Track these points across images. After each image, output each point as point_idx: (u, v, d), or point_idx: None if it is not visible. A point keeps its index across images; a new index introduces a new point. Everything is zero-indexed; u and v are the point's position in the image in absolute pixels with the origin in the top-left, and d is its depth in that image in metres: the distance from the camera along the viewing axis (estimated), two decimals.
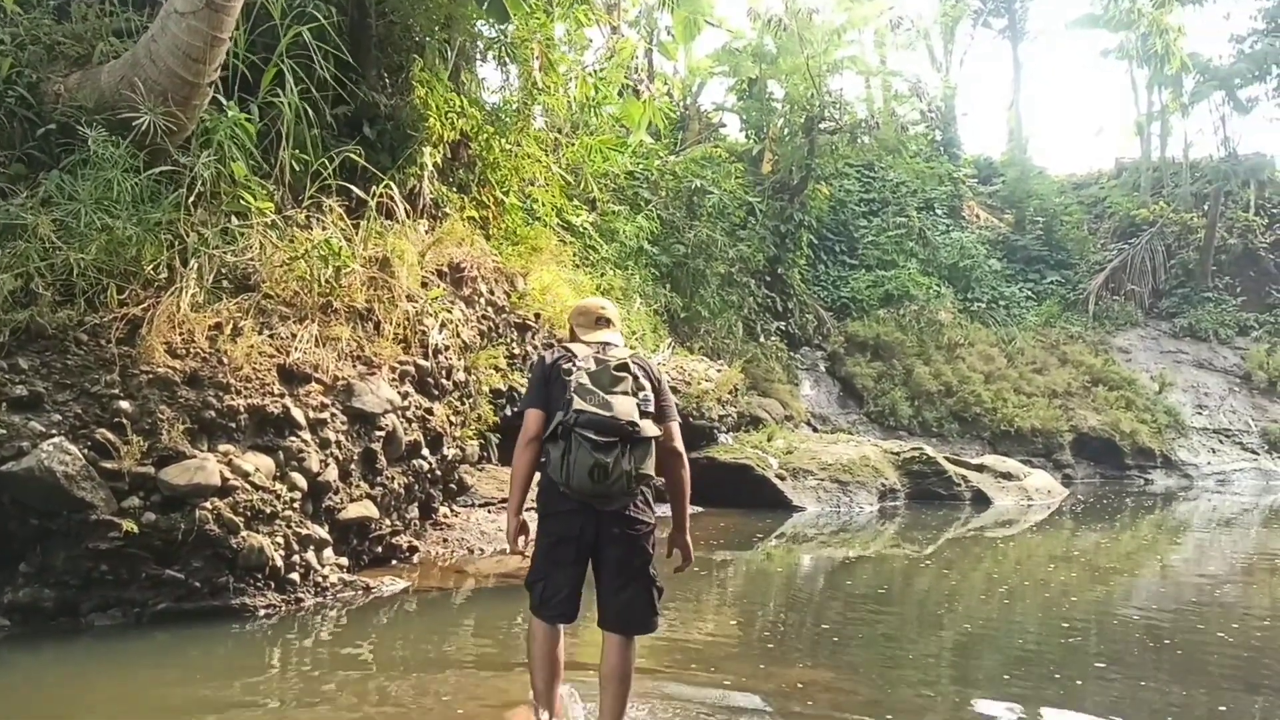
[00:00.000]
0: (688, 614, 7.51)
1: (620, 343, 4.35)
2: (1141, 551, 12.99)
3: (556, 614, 4.08)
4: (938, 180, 28.79)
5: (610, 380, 4.00)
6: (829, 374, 22.87)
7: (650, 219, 18.38)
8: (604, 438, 3.86)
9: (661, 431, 4.07)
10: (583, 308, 4.52)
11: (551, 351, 4.29)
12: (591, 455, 3.84)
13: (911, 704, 5.17)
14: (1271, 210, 30.07)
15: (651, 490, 4.07)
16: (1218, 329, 27.44)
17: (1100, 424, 22.81)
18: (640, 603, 4.06)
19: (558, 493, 4.00)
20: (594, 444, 3.85)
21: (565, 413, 3.94)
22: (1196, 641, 7.29)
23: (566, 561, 4.05)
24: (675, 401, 4.31)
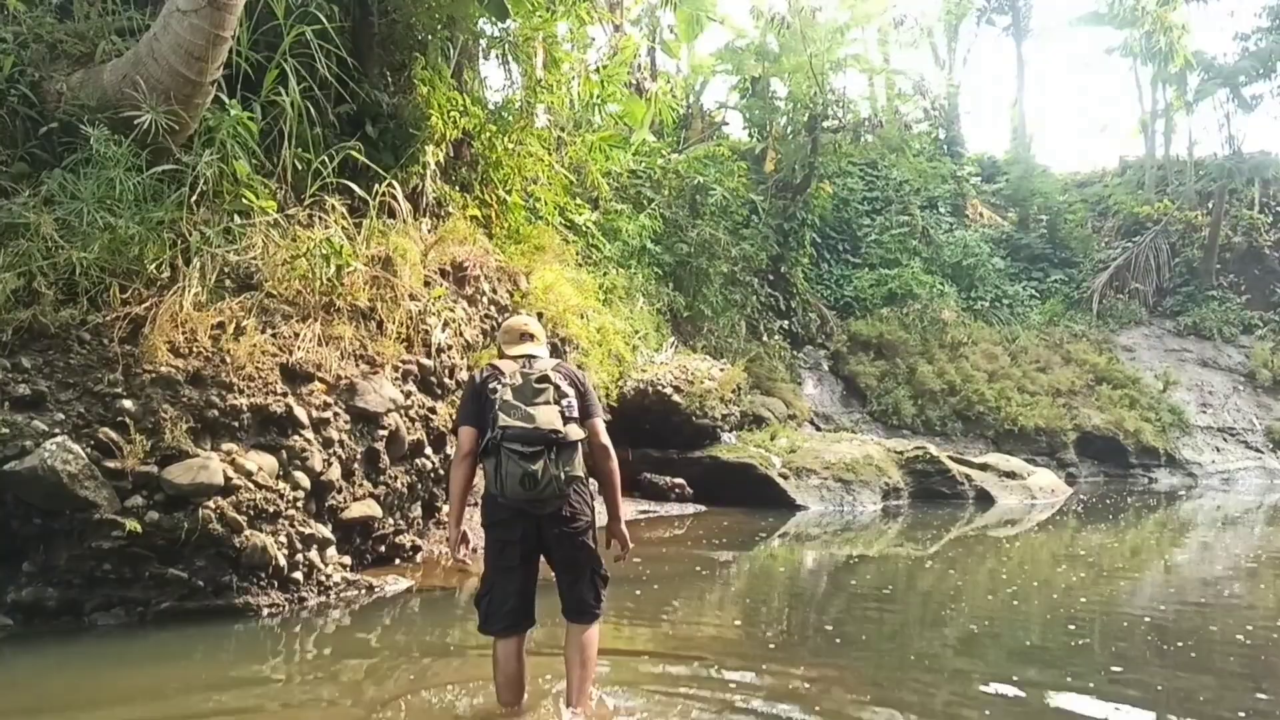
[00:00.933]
0: (691, 611, 7.50)
1: (544, 354, 4.61)
2: (1146, 550, 12.96)
3: (507, 625, 4.35)
4: (941, 179, 28.75)
5: (532, 393, 4.27)
6: (832, 373, 22.84)
7: (653, 218, 18.37)
8: (530, 448, 4.15)
9: (586, 431, 4.37)
10: (507, 326, 4.78)
11: (480, 371, 4.55)
12: (520, 465, 4.12)
13: (917, 697, 5.13)
14: (1276, 208, 30.00)
15: (586, 488, 4.38)
16: (1222, 327, 27.38)
17: (1104, 423, 22.77)
18: (587, 591, 4.39)
19: (496, 503, 4.29)
20: (521, 454, 4.13)
21: (492, 430, 4.21)
22: (1201, 639, 7.27)
23: (513, 566, 4.33)
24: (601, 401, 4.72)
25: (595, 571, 4.40)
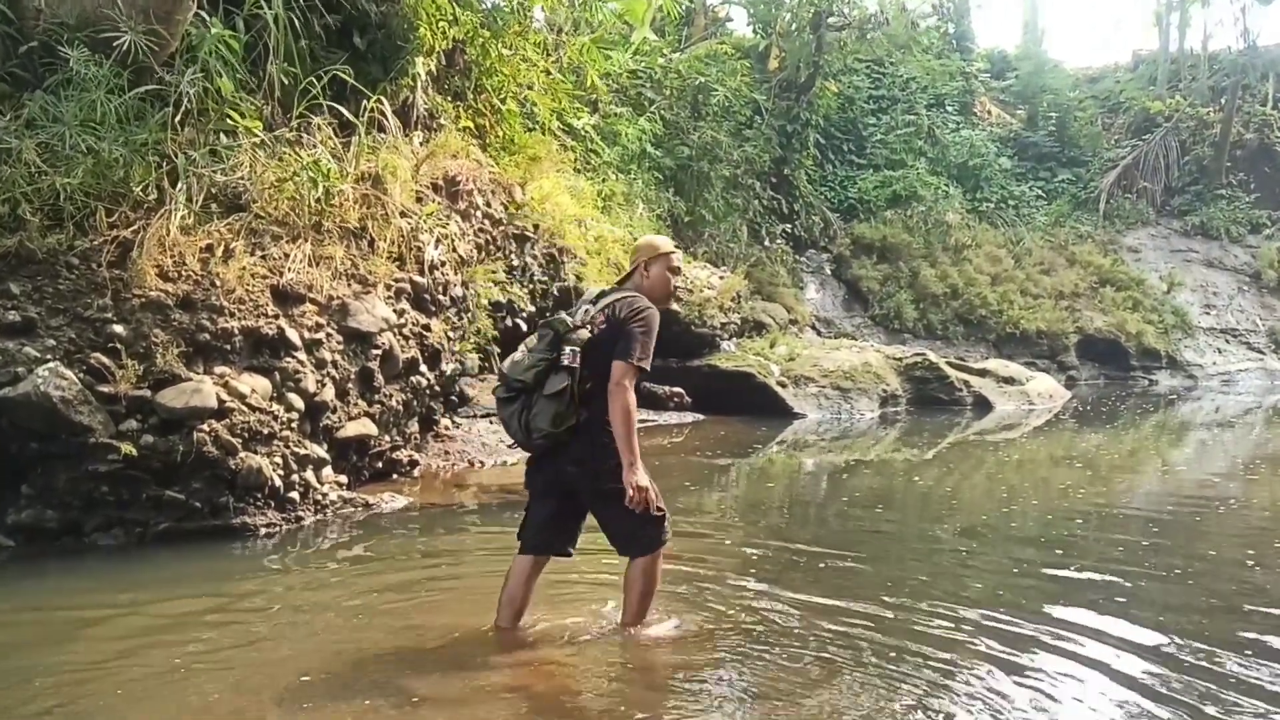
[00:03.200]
0: (696, 521, 7.59)
1: (624, 289, 4.37)
2: (1143, 452, 13.12)
3: (526, 545, 4.40)
4: (949, 76, 28.19)
5: (538, 337, 4.27)
6: (835, 277, 22.76)
7: (653, 121, 18.10)
8: (505, 393, 4.25)
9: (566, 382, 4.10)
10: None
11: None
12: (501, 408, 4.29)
13: (917, 602, 5.27)
14: None
15: (593, 434, 4.13)
16: (1230, 227, 27.18)
17: (1106, 325, 22.78)
18: (619, 530, 4.28)
19: None
20: (499, 398, 4.28)
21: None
22: (1196, 529, 7.71)
23: (536, 495, 4.41)
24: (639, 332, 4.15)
25: (620, 509, 4.14)
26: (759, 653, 4.34)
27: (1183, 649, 4.46)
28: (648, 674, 4.18)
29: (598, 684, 4.06)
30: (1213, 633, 4.73)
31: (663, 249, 4.44)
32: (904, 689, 3.92)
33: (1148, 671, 4.17)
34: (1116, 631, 4.70)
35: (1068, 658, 4.32)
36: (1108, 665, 4.22)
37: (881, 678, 4.04)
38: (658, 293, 4.38)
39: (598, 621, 4.66)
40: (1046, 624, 4.80)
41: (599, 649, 4.39)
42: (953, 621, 4.82)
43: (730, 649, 4.42)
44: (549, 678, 4.09)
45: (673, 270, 4.43)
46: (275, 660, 4.25)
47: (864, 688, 3.94)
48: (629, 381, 4.07)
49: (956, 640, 4.56)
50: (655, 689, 4.00)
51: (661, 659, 4.30)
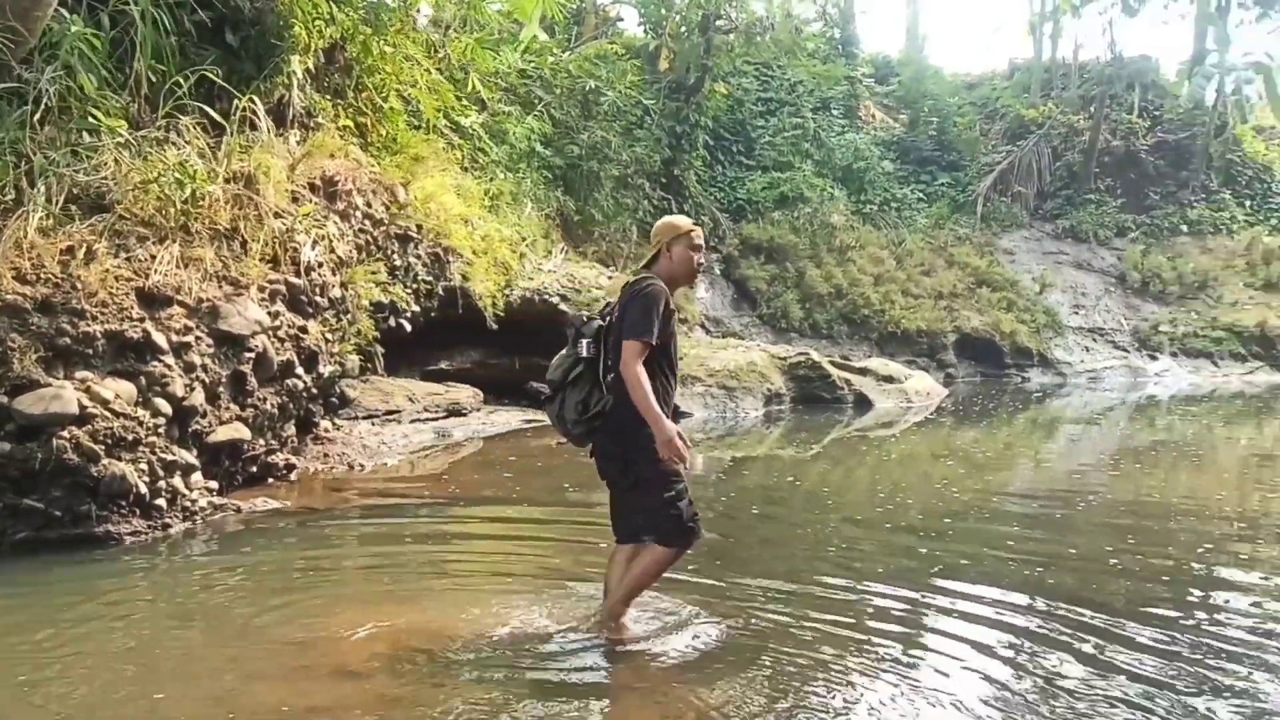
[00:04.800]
0: (586, 517, 7.66)
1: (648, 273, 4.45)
2: (1016, 447, 13.65)
3: (615, 533, 4.59)
4: (834, 80, 28.80)
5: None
6: (724, 276, 23.07)
7: (542, 120, 18.09)
8: (545, 395, 4.53)
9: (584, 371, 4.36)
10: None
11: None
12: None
13: (805, 585, 5.62)
14: (1154, 113, 30.87)
15: (619, 424, 4.26)
16: (1097, 230, 28.35)
17: (982, 324, 23.56)
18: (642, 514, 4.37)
19: None
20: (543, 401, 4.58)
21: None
22: (1067, 517, 8.16)
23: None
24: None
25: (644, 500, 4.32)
26: (663, 638, 4.56)
27: (1050, 608, 5.16)
28: (512, 670, 4.24)
29: (470, 685, 4.10)
30: (1076, 598, 5.35)
31: (683, 228, 4.48)
32: (804, 655, 4.38)
33: (1018, 626, 4.89)
34: (991, 597, 5.35)
35: (950, 618, 5.01)
36: (985, 626, 4.87)
37: (790, 648, 4.49)
38: (681, 271, 4.47)
39: (482, 618, 4.72)
40: (930, 593, 5.43)
41: (476, 649, 4.42)
42: (840, 596, 5.31)
43: (642, 634, 4.62)
44: (421, 681, 4.10)
45: (695, 248, 4.47)
46: (135, 671, 4.18)
47: (772, 659, 4.34)
48: (632, 356, 4.15)
49: (845, 612, 5.04)
50: (536, 685, 4.06)
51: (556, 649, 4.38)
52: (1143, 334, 25.92)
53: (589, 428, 4.33)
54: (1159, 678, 4.21)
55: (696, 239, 4.47)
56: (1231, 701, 3.96)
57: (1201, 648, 4.59)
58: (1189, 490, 9.83)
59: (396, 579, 5.73)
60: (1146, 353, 25.66)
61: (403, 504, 8.09)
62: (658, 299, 4.23)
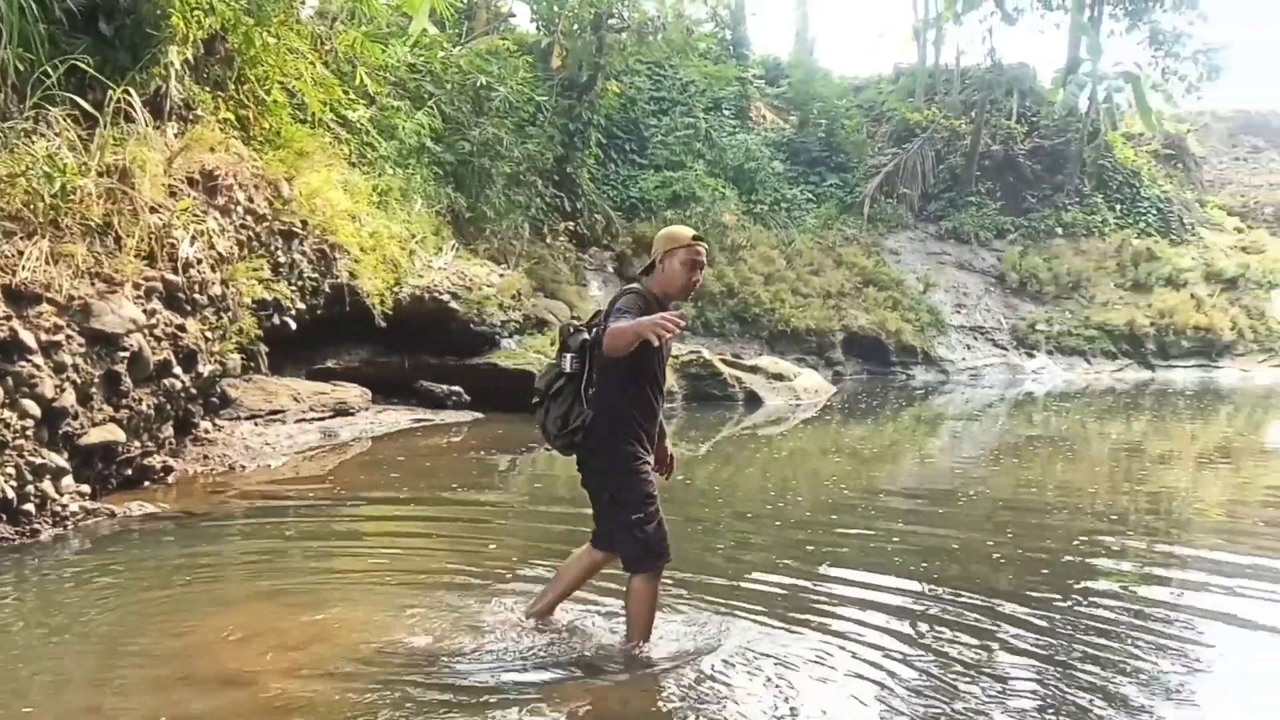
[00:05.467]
0: (473, 515, 7.60)
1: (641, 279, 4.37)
2: (901, 443, 14.04)
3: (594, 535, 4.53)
4: (726, 80, 29.10)
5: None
6: (617, 275, 23.10)
7: (432, 115, 17.86)
8: (534, 402, 4.41)
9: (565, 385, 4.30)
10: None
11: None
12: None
13: (698, 575, 5.75)
14: (1031, 119, 31.99)
15: (596, 435, 4.21)
16: (978, 232, 29.27)
17: (869, 323, 24.11)
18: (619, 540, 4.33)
19: None
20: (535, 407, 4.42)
21: None
22: (951, 509, 8.51)
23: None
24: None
25: (615, 516, 4.28)
26: (553, 635, 4.60)
27: (935, 594, 5.51)
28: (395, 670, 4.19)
29: (357, 690, 4.04)
30: (959, 584, 5.68)
31: (683, 239, 4.25)
32: (700, 635, 4.64)
33: (905, 608, 5.22)
34: (878, 584, 5.66)
35: (839, 604, 5.29)
36: (873, 610, 5.16)
37: (684, 623, 4.80)
38: (675, 285, 4.24)
39: (369, 622, 4.68)
40: (820, 581, 5.73)
41: (363, 653, 4.35)
42: (733, 586, 5.50)
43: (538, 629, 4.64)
44: (305, 688, 4.01)
45: (694, 264, 4.24)
46: (1, 683, 4.02)
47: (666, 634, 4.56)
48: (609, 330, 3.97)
49: (737, 599, 5.21)
50: (426, 689, 4.02)
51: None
52: (1020, 332, 26.87)
53: (569, 441, 4.27)
54: (1040, 651, 4.55)
55: (697, 254, 4.24)
56: (1106, 670, 4.32)
57: (1077, 626, 4.93)
58: (1064, 484, 10.22)
59: (279, 583, 5.60)
60: (1024, 350, 26.61)
61: (286, 506, 7.92)
62: (630, 300, 4.13)
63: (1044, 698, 4.04)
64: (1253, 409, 20.62)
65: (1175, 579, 6.21)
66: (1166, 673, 4.37)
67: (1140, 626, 4.98)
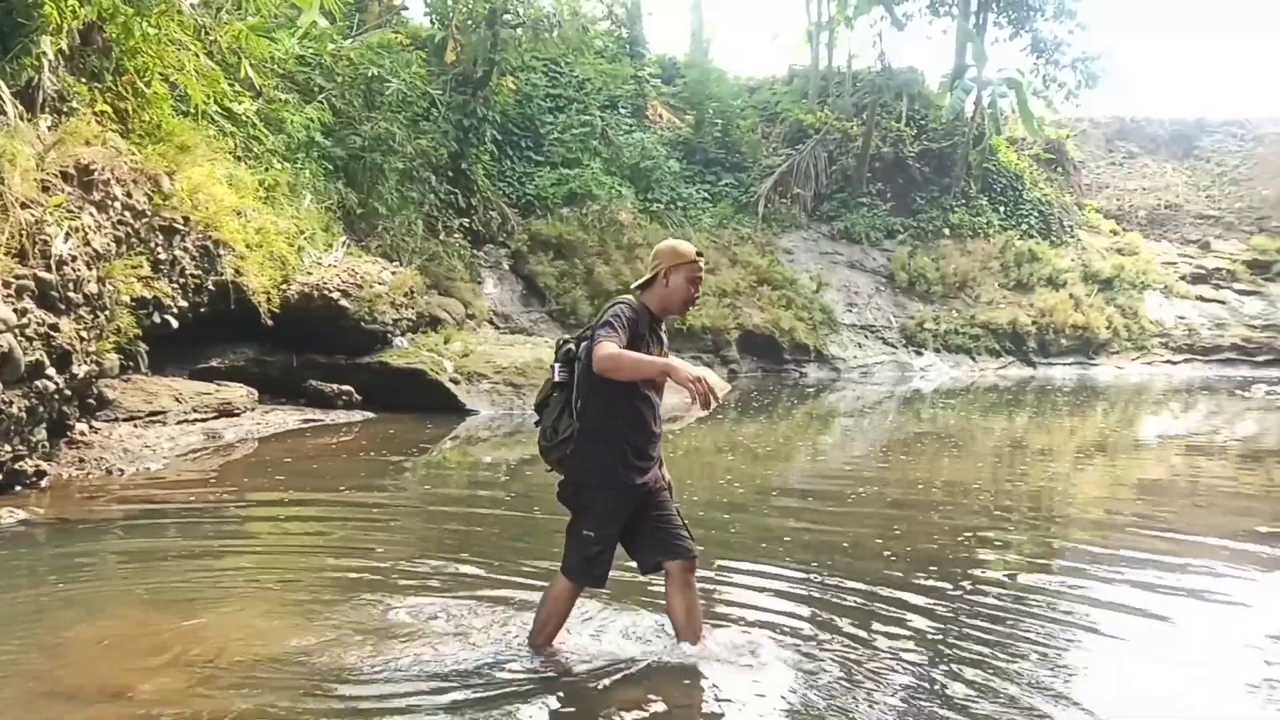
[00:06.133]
0: (362, 524, 7.50)
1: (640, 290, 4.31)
2: (795, 439, 14.30)
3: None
4: (622, 79, 29.15)
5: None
6: (513, 272, 23.01)
7: (322, 109, 17.52)
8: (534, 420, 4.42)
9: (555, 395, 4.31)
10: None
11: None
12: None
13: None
14: (919, 123, 32.79)
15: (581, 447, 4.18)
16: (869, 232, 29.87)
17: (763, 321, 24.43)
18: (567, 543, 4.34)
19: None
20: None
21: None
22: (843, 504, 8.76)
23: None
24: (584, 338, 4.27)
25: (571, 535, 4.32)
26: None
27: (830, 583, 5.84)
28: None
29: (243, 697, 3.96)
30: (851, 574, 6.03)
31: (688, 255, 4.23)
32: (602, 634, 4.79)
33: (801, 595, 5.60)
34: (773, 573, 5.98)
35: (738, 591, 5.65)
36: (769, 595, 5.49)
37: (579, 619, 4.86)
38: (676, 300, 4.25)
39: (252, 628, 4.63)
40: (719, 572, 5.97)
41: (246, 661, 4.28)
42: (630, 579, 5.49)
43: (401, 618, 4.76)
44: (187, 698, 3.92)
45: (695, 280, 4.24)
46: None
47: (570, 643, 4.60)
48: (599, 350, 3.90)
49: (629, 590, 5.33)
50: (312, 696, 3.96)
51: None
52: (909, 331, 27.55)
53: (560, 454, 4.23)
54: (931, 634, 4.88)
55: (699, 270, 4.27)
56: (994, 648, 4.73)
57: (964, 614, 5.29)
58: (950, 478, 10.56)
59: (159, 589, 5.46)
60: (913, 349, 27.28)
61: (166, 509, 7.71)
62: (619, 315, 4.07)
63: (931, 679, 4.30)
64: (1126, 405, 21.54)
65: (1056, 568, 6.59)
66: (1049, 653, 4.73)
67: (1024, 612, 5.34)
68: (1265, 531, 7.83)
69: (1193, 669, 4.59)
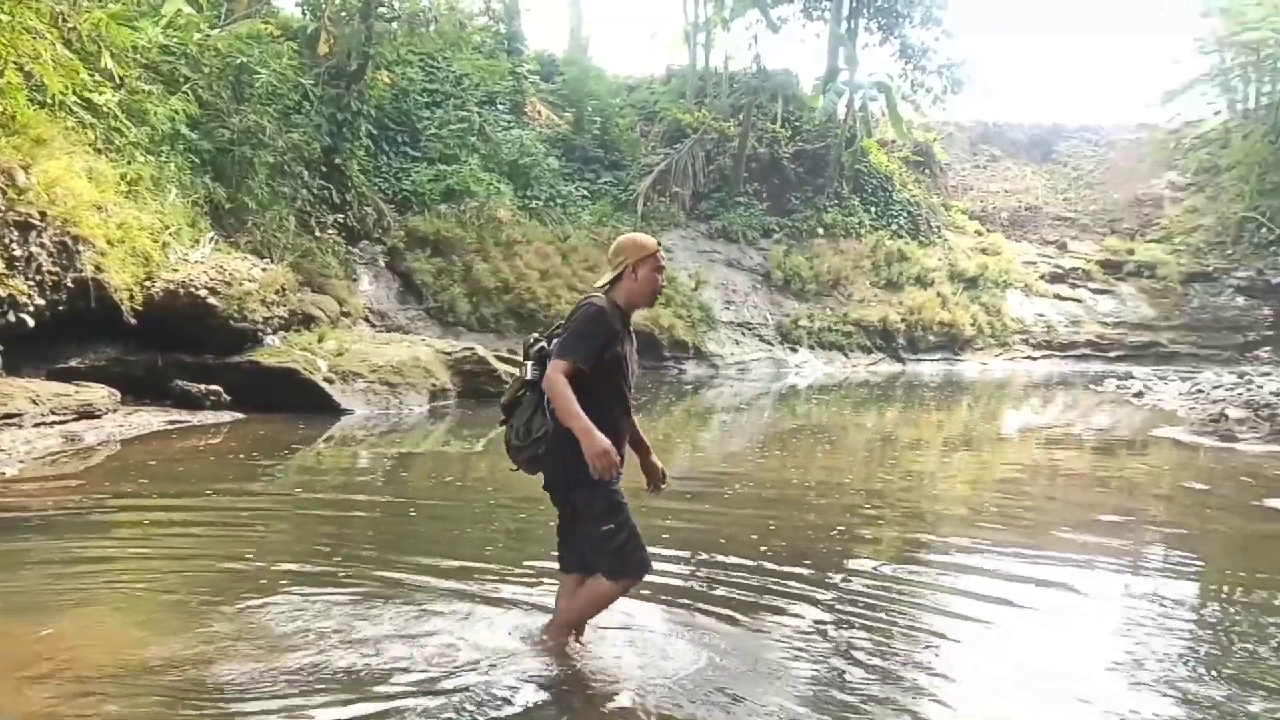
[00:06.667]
0: (231, 527, 7.31)
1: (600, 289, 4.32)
2: (675, 435, 14.46)
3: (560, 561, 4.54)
4: (499, 75, 28.98)
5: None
6: (389, 269, 22.66)
7: (188, 100, 16.96)
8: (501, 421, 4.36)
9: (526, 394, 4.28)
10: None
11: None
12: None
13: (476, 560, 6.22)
14: (794, 124, 33.50)
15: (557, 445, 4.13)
16: (746, 231, 30.41)
17: (642, 319, 24.51)
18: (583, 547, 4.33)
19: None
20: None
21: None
22: (723, 495, 9.07)
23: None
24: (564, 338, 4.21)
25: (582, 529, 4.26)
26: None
27: (710, 573, 6.15)
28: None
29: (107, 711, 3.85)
30: (731, 565, 6.30)
31: (650, 248, 4.30)
32: (486, 623, 4.93)
33: (680, 587, 5.79)
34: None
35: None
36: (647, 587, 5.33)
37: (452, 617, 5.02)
38: (647, 292, 4.30)
39: (118, 637, 4.50)
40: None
41: (112, 672, 4.14)
42: (508, 567, 5.97)
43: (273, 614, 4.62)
44: (37, 704, 3.79)
45: (659, 269, 4.31)
46: None
47: (455, 636, 4.71)
48: (555, 371, 4.00)
49: (508, 580, 5.65)
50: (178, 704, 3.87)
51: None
52: (785, 328, 28.15)
53: (532, 454, 4.19)
54: (808, 618, 5.21)
55: (661, 260, 4.34)
56: (866, 631, 5.07)
57: (840, 599, 5.62)
58: (824, 473, 10.87)
59: (18, 598, 5.25)
60: (788, 346, 27.88)
61: (24, 515, 7.39)
62: (596, 321, 4.11)
63: (830, 666, 4.55)
64: (989, 399, 22.47)
65: (923, 558, 6.88)
66: (919, 639, 5.02)
67: (891, 597, 5.67)
68: (1109, 521, 8.35)
69: (1049, 649, 4.95)
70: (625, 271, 4.26)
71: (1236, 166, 36.01)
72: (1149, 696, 4.29)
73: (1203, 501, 9.41)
